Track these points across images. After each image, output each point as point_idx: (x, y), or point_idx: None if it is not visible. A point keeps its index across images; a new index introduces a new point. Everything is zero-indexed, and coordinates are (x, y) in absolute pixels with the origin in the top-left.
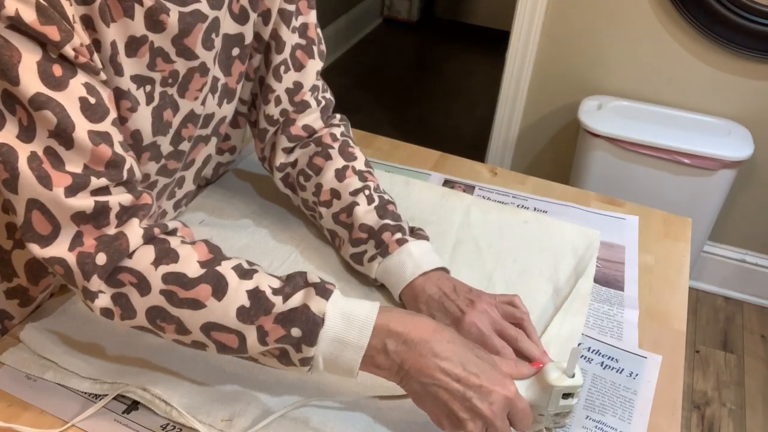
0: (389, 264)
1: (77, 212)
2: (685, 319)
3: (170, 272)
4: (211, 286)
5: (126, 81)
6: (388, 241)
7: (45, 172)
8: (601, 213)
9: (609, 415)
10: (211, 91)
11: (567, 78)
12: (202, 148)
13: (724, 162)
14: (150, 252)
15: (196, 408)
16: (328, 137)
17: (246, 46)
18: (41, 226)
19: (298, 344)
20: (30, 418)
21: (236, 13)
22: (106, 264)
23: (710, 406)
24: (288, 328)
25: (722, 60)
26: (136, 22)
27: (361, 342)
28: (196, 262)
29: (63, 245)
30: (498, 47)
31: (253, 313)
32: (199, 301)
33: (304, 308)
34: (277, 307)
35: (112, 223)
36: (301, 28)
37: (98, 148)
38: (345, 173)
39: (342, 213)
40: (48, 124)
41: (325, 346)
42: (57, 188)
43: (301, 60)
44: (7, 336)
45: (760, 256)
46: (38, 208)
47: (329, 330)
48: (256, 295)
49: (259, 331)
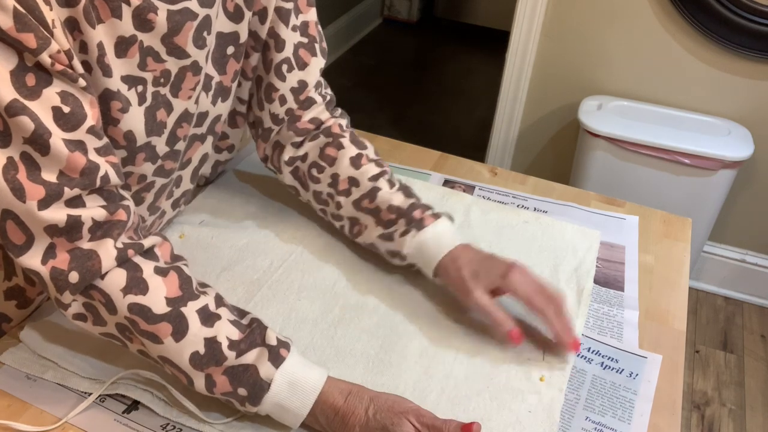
0: (425, 236)
1: (49, 225)
2: (685, 319)
3: (136, 303)
4: (172, 326)
5: (116, 82)
6: (421, 216)
7: (19, 183)
8: (601, 213)
9: (609, 416)
10: (204, 89)
11: (567, 78)
12: (198, 147)
13: (724, 162)
14: (121, 277)
15: (196, 408)
16: (336, 127)
17: (241, 45)
18: (15, 236)
19: (243, 401)
20: (30, 418)
21: (230, 11)
22: (78, 283)
23: (710, 406)
24: (235, 386)
25: (722, 60)
26: (124, 22)
27: (302, 411)
28: (164, 298)
29: (36, 257)
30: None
31: (205, 361)
32: (158, 337)
33: (254, 370)
34: (229, 361)
35: (85, 237)
36: (301, 27)
37: (73, 155)
38: (360, 161)
39: (364, 199)
40: (24, 131)
41: (268, 407)
42: (30, 201)
43: (304, 58)
44: (7, 336)
45: (760, 256)
46: (12, 218)
47: (273, 396)
48: (212, 345)
49: (208, 379)
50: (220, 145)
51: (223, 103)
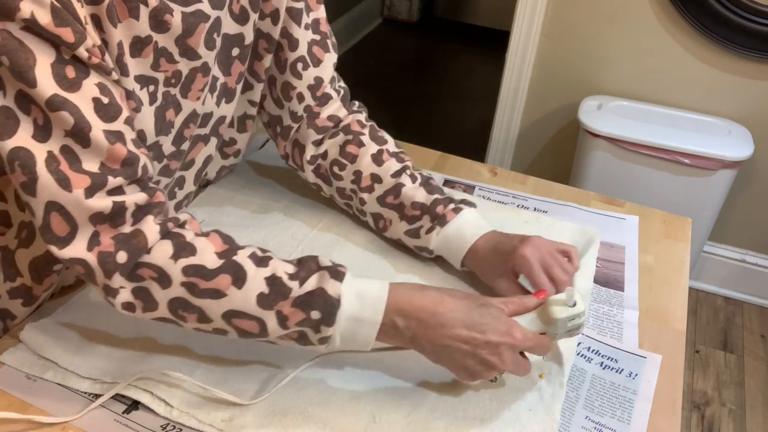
0: (448, 232)
1: (95, 213)
2: (685, 319)
3: (190, 265)
4: (230, 275)
5: (131, 81)
6: (443, 212)
7: (64, 174)
8: (601, 213)
9: (608, 417)
10: (209, 90)
11: (567, 78)
12: (201, 148)
13: (724, 162)
14: (168, 246)
15: (196, 408)
16: (356, 124)
17: (246, 47)
18: (59, 228)
19: (317, 326)
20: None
21: (236, 13)
22: (126, 261)
23: (710, 406)
24: (307, 311)
25: (722, 60)
26: (141, 23)
27: (376, 318)
28: (214, 254)
29: (81, 245)
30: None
31: (272, 298)
32: (220, 291)
33: (321, 291)
34: (294, 292)
35: (128, 221)
36: (313, 24)
37: (114, 147)
38: (381, 157)
39: (388, 195)
40: (65, 125)
41: (343, 325)
42: (77, 190)
43: (318, 55)
44: (7, 336)
45: (760, 256)
46: (57, 210)
47: (346, 310)
48: (274, 281)
49: (279, 315)
50: (227, 150)
51: (228, 105)
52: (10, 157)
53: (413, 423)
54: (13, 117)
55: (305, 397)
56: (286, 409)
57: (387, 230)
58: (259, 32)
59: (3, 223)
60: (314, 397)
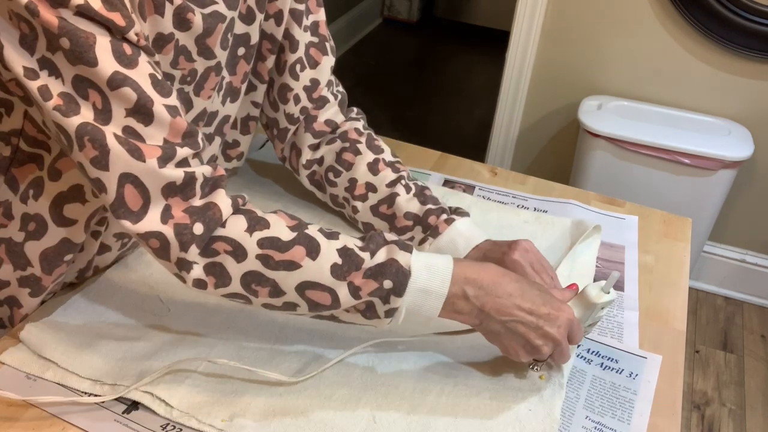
0: (441, 244)
1: (168, 183)
2: (685, 319)
3: (265, 237)
4: (304, 247)
5: None
6: (436, 223)
7: (135, 145)
8: (601, 213)
9: (608, 417)
10: (217, 89)
11: (567, 78)
12: (205, 148)
13: (724, 162)
14: (242, 220)
15: (196, 408)
16: (353, 132)
17: (251, 46)
18: (133, 201)
19: (387, 296)
20: (30, 418)
21: (243, 13)
22: (203, 233)
23: (710, 406)
24: (380, 281)
25: (722, 60)
26: (165, 20)
27: (443, 290)
28: (286, 227)
29: (155, 219)
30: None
31: (346, 269)
32: (295, 262)
33: (392, 261)
34: (366, 263)
35: (197, 194)
36: (312, 27)
37: (175, 120)
38: (377, 166)
39: (382, 205)
40: (127, 102)
41: (411, 297)
42: (150, 159)
43: (315, 57)
44: (7, 336)
45: (760, 256)
46: (131, 181)
47: (416, 281)
48: (346, 252)
49: (351, 286)
50: (230, 153)
51: (232, 104)
52: (78, 132)
53: (413, 423)
54: (73, 101)
55: (305, 397)
56: (286, 409)
57: None
58: (263, 33)
59: (4, 215)
60: (314, 397)
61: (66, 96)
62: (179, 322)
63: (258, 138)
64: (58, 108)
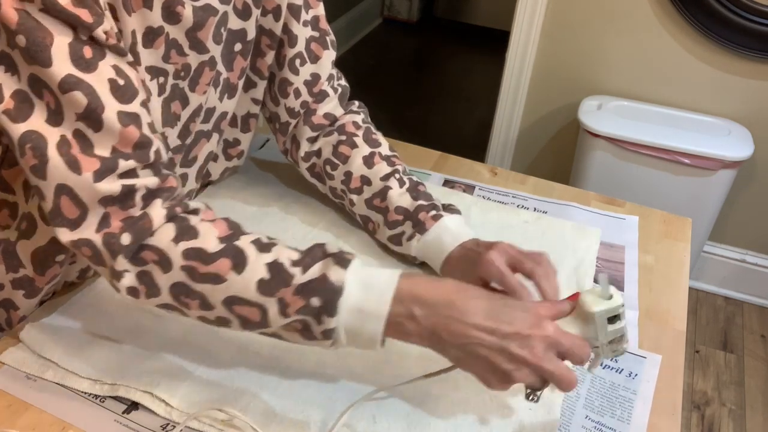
0: (427, 240)
1: (105, 196)
2: (685, 319)
3: (190, 248)
4: (230, 259)
5: (142, 71)
6: (424, 219)
7: (73, 157)
8: (601, 213)
9: (608, 416)
10: (213, 85)
11: (567, 78)
12: (204, 145)
13: (724, 162)
14: (171, 229)
15: (196, 408)
16: (351, 125)
17: (248, 42)
18: (69, 211)
19: (319, 315)
20: (30, 418)
21: (239, 8)
22: (130, 243)
23: (710, 406)
24: (307, 298)
25: (722, 60)
26: (154, 13)
27: (381, 310)
28: (216, 238)
29: (90, 228)
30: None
31: (273, 285)
32: (219, 276)
33: (323, 278)
34: (297, 279)
35: (138, 204)
36: (312, 21)
37: (126, 129)
38: (373, 160)
39: (375, 198)
40: (77, 107)
41: (346, 317)
42: (86, 173)
43: (316, 52)
44: (7, 336)
45: (760, 256)
46: (66, 193)
47: (348, 298)
48: (276, 267)
49: (280, 303)
50: (230, 152)
51: (230, 100)
52: (21, 140)
53: (413, 423)
54: (27, 101)
55: (305, 398)
56: (286, 409)
57: (376, 233)
58: (261, 29)
59: (11, 215)
60: (314, 397)
61: (20, 94)
62: (179, 322)
63: (258, 138)
64: (7, 112)
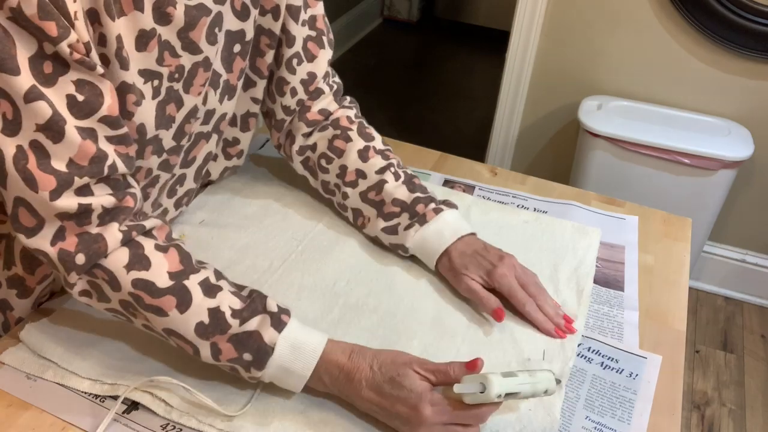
0: (427, 232)
1: (61, 212)
2: (685, 319)
3: (140, 279)
4: (176, 298)
5: (132, 75)
6: (423, 211)
7: (30, 173)
8: (601, 213)
9: (608, 417)
10: (212, 87)
11: (567, 78)
12: (203, 146)
13: (724, 162)
14: (124, 255)
15: (196, 408)
16: (345, 120)
17: (246, 43)
18: (27, 220)
19: (248, 366)
20: (30, 418)
21: (238, 9)
22: (84, 264)
23: (710, 406)
24: (240, 351)
25: (722, 60)
26: (145, 15)
27: (305, 372)
28: (166, 273)
29: (46, 239)
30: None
31: (210, 330)
32: (163, 310)
33: (258, 336)
34: (233, 329)
35: (94, 222)
36: (310, 21)
37: (84, 143)
38: (367, 153)
39: (370, 191)
40: (39, 117)
41: (272, 371)
42: (42, 191)
43: (313, 51)
44: (7, 336)
45: (760, 256)
46: (24, 205)
47: (277, 359)
48: (216, 314)
49: (213, 347)
50: (230, 151)
51: (229, 102)
52: None
53: None
54: None
55: (305, 398)
56: (285, 409)
57: (365, 227)
58: (260, 28)
59: (3, 210)
60: (314, 397)
61: None
62: None
63: (258, 138)
64: None
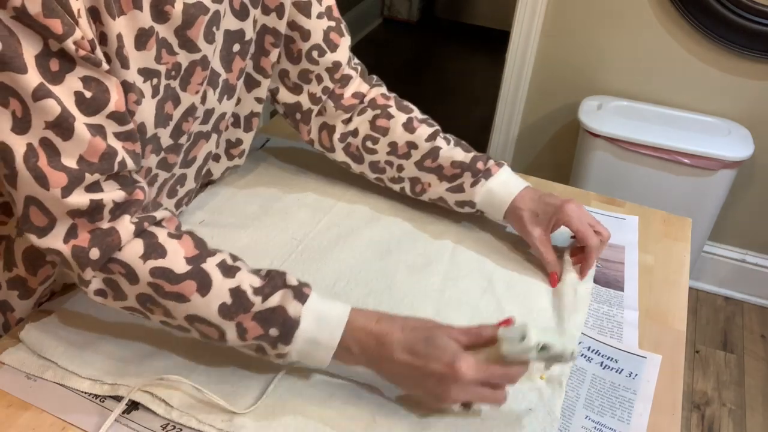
0: (493, 184)
1: (73, 209)
2: (685, 319)
3: (158, 267)
4: (196, 282)
5: (132, 74)
6: (486, 167)
7: (41, 171)
8: (601, 213)
9: (608, 416)
10: (211, 86)
11: (567, 78)
12: (203, 145)
13: (724, 162)
14: (139, 246)
15: (196, 408)
16: (381, 98)
17: (246, 42)
18: (38, 220)
19: (275, 342)
20: (30, 418)
21: (237, 9)
22: (99, 258)
23: (710, 406)
24: (266, 327)
25: (722, 60)
26: (144, 13)
27: (332, 342)
28: (183, 258)
29: (58, 237)
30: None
31: (234, 310)
32: (184, 296)
33: (282, 310)
34: (256, 306)
35: (106, 218)
36: (327, 12)
37: (94, 139)
38: (412, 125)
39: (425, 159)
40: (48, 115)
41: (300, 345)
42: (54, 189)
43: (335, 41)
44: (7, 336)
45: (760, 256)
46: (35, 204)
47: (304, 332)
48: (238, 293)
49: (239, 327)
50: (233, 151)
51: (229, 101)
52: None
53: (413, 423)
54: None
55: (305, 397)
56: (286, 409)
57: (425, 193)
58: (264, 28)
59: (4, 212)
60: (314, 397)
61: None
62: None
63: (259, 138)
64: None
